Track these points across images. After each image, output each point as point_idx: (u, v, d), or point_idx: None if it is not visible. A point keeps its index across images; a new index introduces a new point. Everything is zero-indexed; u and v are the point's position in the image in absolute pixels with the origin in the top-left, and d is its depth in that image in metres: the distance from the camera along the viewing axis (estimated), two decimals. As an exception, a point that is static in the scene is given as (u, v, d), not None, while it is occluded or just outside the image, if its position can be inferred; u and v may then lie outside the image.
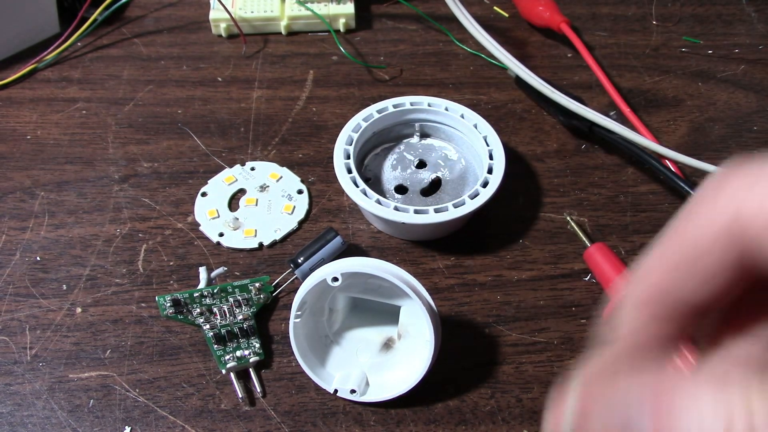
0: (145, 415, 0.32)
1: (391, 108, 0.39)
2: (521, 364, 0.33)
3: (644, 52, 0.48)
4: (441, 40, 0.49)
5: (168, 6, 0.51)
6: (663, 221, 0.38)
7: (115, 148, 0.42)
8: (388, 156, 0.40)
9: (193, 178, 0.40)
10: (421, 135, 0.40)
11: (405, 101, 0.39)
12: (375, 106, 0.39)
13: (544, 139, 0.42)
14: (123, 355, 0.33)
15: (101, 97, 0.45)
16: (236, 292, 0.34)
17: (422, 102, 0.39)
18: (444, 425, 0.31)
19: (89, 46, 0.48)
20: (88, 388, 0.32)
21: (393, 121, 0.39)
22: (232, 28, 0.48)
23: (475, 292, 0.36)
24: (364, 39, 0.49)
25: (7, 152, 0.42)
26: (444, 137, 0.40)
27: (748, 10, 0.51)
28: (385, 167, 0.40)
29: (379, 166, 0.40)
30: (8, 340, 0.34)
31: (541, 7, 0.47)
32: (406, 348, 0.33)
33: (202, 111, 0.44)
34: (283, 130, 0.43)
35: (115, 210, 0.39)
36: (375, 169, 0.40)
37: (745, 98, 0.45)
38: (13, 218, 0.38)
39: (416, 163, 0.40)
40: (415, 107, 0.39)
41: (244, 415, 0.32)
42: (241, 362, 0.33)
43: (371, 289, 0.32)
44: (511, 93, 0.45)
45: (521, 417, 0.32)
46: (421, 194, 0.38)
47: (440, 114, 0.39)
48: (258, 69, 0.47)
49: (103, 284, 0.36)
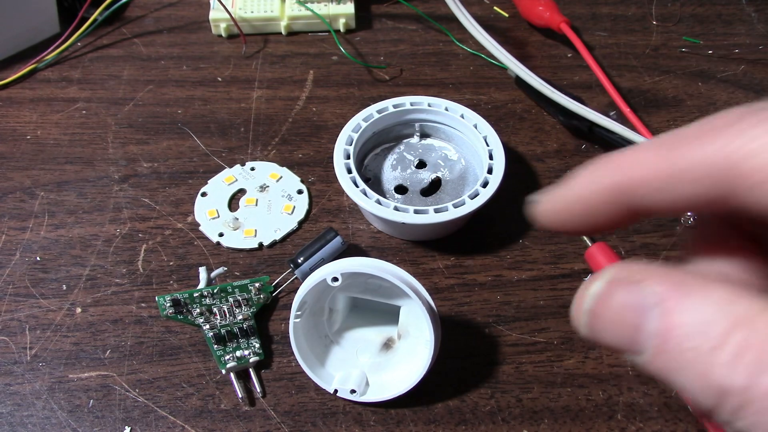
0: (145, 415, 0.32)
1: (391, 108, 0.39)
2: (521, 364, 0.33)
3: (644, 52, 0.48)
4: (441, 40, 0.49)
5: (168, 6, 0.51)
6: (663, 220, 0.38)
7: (115, 148, 0.42)
8: (388, 156, 0.40)
9: (193, 178, 0.40)
10: (421, 135, 0.40)
11: (405, 101, 0.39)
12: (375, 106, 0.39)
13: (544, 139, 0.42)
14: (123, 355, 0.33)
15: (101, 97, 0.45)
16: (236, 292, 0.34)
17: (422, 102, 0.39)
18: (444, 425, 0.31)
19: (89, 46, 0.48)
20: (87, 388, 0.32)
21: (393, 121, 0.39)
22: (232, 28, 0.48)
23: (475, 292, 0.36)
24: (364, 39, 0.49)
25: (7, 152, 0.42)
26: (444, 137, 0.40)
27: (748, 10, 0.51)
28: (385, 167, 0.40)
29: (379, 166, 0.40)
30: (8, 340, 0.34)
31: (541, 7, 0.47)
32: (406, 348, 0.33)
33: (202, 111, 0.44)
34: (283, 130, 0.43)
35: (115, 210, 0.39)
36: (375, 169, 0.40)
37: (745, 98, 0.45)
38: (13, 218, 0.38)
39: (416, 163, 0.40)
40: (415, 107, 0.39)
41: (244, 415, 0.32)
42: (241, 362, 0.33)
43: (371, 289, 0.32)
44: (511, 93, 0.45)
45: (521, 417, 0.32)
46: (421, 194, 0.38)
47: (440, 114, 0.39)
48: (258, 69, 0.47)
49: (103, 284, 0.36)
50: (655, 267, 0.16)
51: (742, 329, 0.14)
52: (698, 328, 0.14)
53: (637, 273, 0.16)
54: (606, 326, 0.16)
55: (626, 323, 0.16)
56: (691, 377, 0.14)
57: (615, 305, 0.16)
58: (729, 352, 0.14)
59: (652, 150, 0.16)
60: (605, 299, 0.16)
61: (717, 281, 0.15)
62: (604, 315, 0.16)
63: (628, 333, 0.16)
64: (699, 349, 0.14)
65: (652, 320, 0.15)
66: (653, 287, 0.15)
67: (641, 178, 0.16)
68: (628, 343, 0.16)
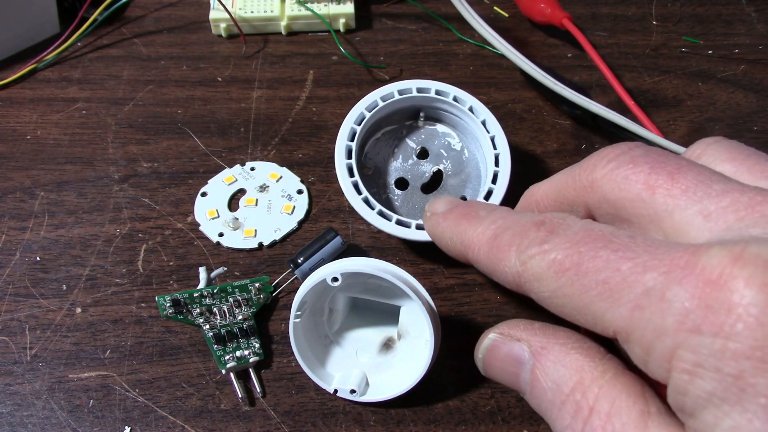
0: (144, 415, 0.32)
1: (397, 94, 0.38)
2: (521, 364, 0.33)
3: (644, 52, 0.48)
4: (441, 40, 0.49)
5: (168, 6, 0.51)
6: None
7: (115, 148, 0.42)
8: (389, 142, 0.39)
9: (193, 178, 0.40)
10: (425, 118, 0.40)
11: (411, 86, 0.38)
12: (379, 92, 0.37)
13: (544, 139, 0.42)
14: (123, 355, 0.33)
15: (101, 97, 0.45)
16: (236, 292, 0.34)
17: (429, 88, 0.38)
18: (444, 425, 0.31)
19: (89, 46, 0.48)
20: (87, 388, 0.32)
21: (397, 107, 0.38)
22: (232, 28, 0.48)
23: (475, 292, 0.36)
24: (364, 39, 0.49)
25: (7, 152, 0.42)
26: (448, 122, 0.40)
27: (748, 10, 0.51)
28: (387, 155, 0.39)
29: (380, 153, 0.39)
30: (8, 340, 0.34)
31: (543, 4, 0.47)
32: (406, 348, 0.33)
33: (202, 111, 0.44)
34: (283, 130, 0.43)
35: (115, 210, 0.39)
36: (375, 158, 0.39)
37: (745, 98, 0.45)
38: (13, 218, 0.38)
39: (418, 152, 0.39)
40: (421, 95, 0.38)
41: (243, 415, 0.32)
42: (241, 362, 0.33)
43: (371, 289, 0.32)
44: (511, 93, 0.45)
45: (521, 417, 0.32)
46: (422, 190, 0.38)
47: (447, 104, 0.38)
48: (258, 69, 0.47)
49: (103, 284, 0.36)
50: (532, 325, 0.21)
51: (579, 391, 0.18)
52: (553, 384, 0.19)
53: (517, 330, 0.21)
54: (495, 372, 0.21)
55: (509, 371, 0.21)
56: (550, 421, 0.19)
57: (500, 357, 0.21)
58: (569, 411, 0.18)
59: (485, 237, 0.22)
60: (494, 352, 0.21)
61: (575, 342, 0.19)
62: (493, 364, 0.21)
63: (510, 379, 0.21)
64: (553, 402, 0.19)
65: (526, 372, 0.20)
66: (527, 345, 0.20)
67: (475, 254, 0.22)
68: (513, 386, 0.21)
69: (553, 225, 0.19)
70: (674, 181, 0.18)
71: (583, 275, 0.17)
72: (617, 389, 0.18)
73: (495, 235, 0.21)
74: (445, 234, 0.24)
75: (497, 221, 0.22)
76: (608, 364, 0.18)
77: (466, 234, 0.22)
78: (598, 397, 0.18)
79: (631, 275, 0.16)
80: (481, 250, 0.21)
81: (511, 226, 0.21)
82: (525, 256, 0.19)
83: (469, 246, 0.22)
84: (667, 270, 0.16)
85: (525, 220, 0.20)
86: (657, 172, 0.19)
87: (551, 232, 0.19)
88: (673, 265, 0.16)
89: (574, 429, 0.18)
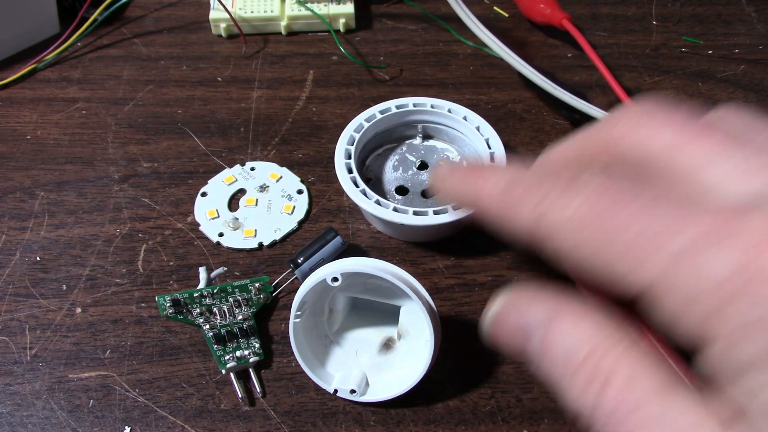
0: (144, 415, 0.32)
1: (394, 109, 0.39)
2: (521, 364, 0.33)
3: (644, 52, 0.48)
4: (441, 40, 0.49)
5: (168, 6, 0.51)
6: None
7: (115, 148, 0.42)
8: (390, 156, 0.40)
9: (193, 178, 0.40)
10: (424, 136, 0.41)
11: (408, 102, 0.39)
12: (378, 107, 0.39)
13: (544, 139, 0.42)
14: (123, 355, 0.33)
15: (101, 97, 0.45)
16: (236, 292, 0.34)
17: (425, 103, 0.39)
18: (444, 425, 0.31)
19: (89, 46, 0.48)
20: (87, 388, 0.32)
21: (396, 121, 0.39)
22: (232, 28, 0.48)
23: (475, 292, 0.36)
24: (364, 39, 0.49)
25: (7, 152, 0.42)
26: (447, 139, 0.40)
27: (748, 10, 0.51)
28: (387, 168, 0.40)
29: (381, 166, 0.40)
30: (8, 340, 0.34)
31: (542, 5, 0.47)
32: (406, 348, 0.33)
33: (202, 111, 0.44)
34: (283, 130, 0.43)
35: (115, 210, 0.39)
36: (376, 170, 0.40)
37: (745, 98, 0.45)
38: (13, 218, 0.38)
39: (418, 164, 0.40)
40: (418, 108, 0.39)
41: (243, 415, 0.32)
42: (241, 362, 0.33)
43: (371, 289, 0.32)
44: (511, 93, 0.45)
45: (521, 417, 0.32)
46: (422, 196, 0.38)
47: (443, 116, 0.39)
48: (258, 69, 0.47)
49: (103, 284, 0.36)
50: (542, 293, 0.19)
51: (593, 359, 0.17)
52: (565, 353, 0.17)
53: (526, 298, 0.19)
54: (502, 341, 0.20)
55: (516, 340, 0.19)
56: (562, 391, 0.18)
57: (508, 325, 0.19)
58: (582, 381, 0.17)
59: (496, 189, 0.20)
60: (501, 320, 0.20)
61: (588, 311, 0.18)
62: (500, 332, 0.20)
63: (518, 348, 0.19)
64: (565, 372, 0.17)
65: (535, 340, 0.18)
66: (536, 314, 0.18)
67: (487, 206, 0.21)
68: (520, 355, 0.19)
69: (573, 177, 0.18)
70: (706, 136, 0.17)
71: (606, 232, 0.16)
72: (633, 358, 0.17)
73: (509, 184, 0.20)
74: (455, 183, 0.22)
75: (511, 173, 0.20)
76: (623, 333, 0.17)
77: (477, 183, 0.21)
78: (613, 368, 0.17)
79: (662, 234, 0.15)
80: (493, 199, 0.20)
81: (526, 177, 0.19)
82: (542, 207, 0.18)
83: (479, 195, 0.21)
84: (704, 230, 0.15)
85: (542, 171, 0.19)
86: (686, 127, 0.18)
87: (571, 184, 0.18)
88: (710, 226, 0.15)
89: (588, 400, 0.17)
